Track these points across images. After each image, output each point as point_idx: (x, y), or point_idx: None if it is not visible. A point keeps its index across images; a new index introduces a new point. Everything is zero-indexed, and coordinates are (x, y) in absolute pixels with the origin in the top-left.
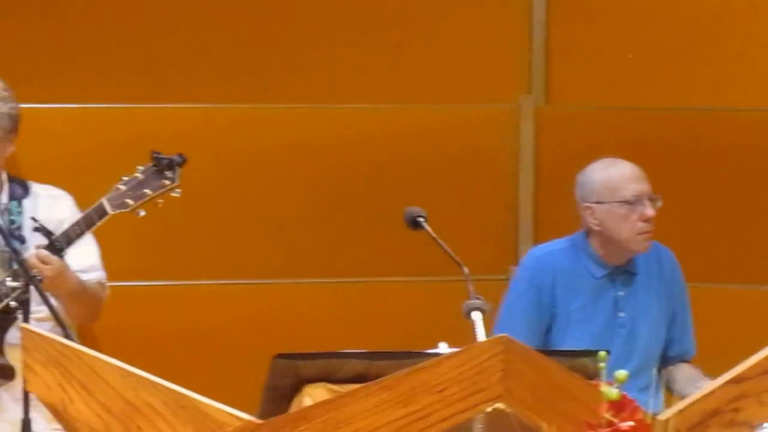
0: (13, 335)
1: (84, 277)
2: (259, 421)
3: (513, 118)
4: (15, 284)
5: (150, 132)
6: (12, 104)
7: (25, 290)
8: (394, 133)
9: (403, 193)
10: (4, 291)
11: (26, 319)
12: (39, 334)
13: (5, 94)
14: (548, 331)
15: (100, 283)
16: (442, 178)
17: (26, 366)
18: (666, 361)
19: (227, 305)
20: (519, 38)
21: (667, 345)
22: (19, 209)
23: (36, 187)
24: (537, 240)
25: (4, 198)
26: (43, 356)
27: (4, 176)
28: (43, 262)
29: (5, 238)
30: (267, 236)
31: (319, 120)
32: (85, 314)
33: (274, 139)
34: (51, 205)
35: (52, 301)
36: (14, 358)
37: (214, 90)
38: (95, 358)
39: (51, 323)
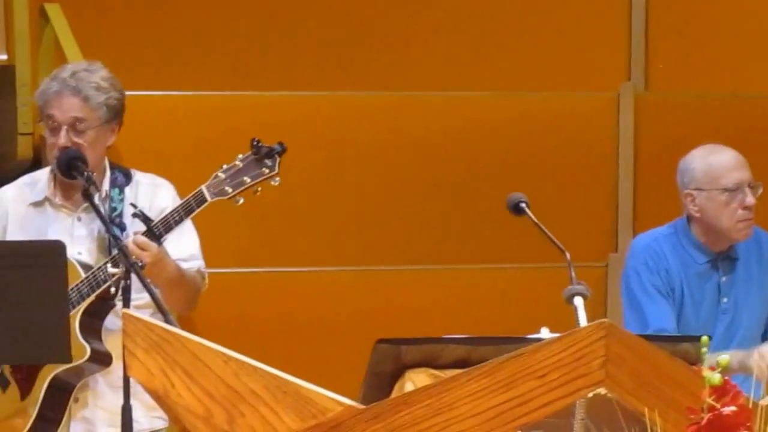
0: (110, 322)
1: (184, 265)
2: (361, 406)
3: (612, 106)
4: (115, 270)
5: (251, 120)
6: (112, 94)
7: (126, 277)
8: (494, 121)
9: (504, 180)
10: (102, 277)
11: (127, 306)
12: (141, 320)
13: (105, 84)
14: None
15: (200, 272)
16: (542, 166)
17: (128, 352)
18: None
19: (329, 292)
20: (618, 26)
21: (767, 330)
22: (120, 197)
23: (138, 175)
24: (636, 227)
25: (106, 185)
26: (146, 342)
27: (106, 164)
28: (141, 248)
29: (105, 224)
30: (369, 224)
31: (422, 108)
32: (184, 302)
33: (377, 127)
34: (152, 194)
35: (153, 287)
36: (111, 344)
37: (316, 78)
38: (197, 343)
39: (150, 310)
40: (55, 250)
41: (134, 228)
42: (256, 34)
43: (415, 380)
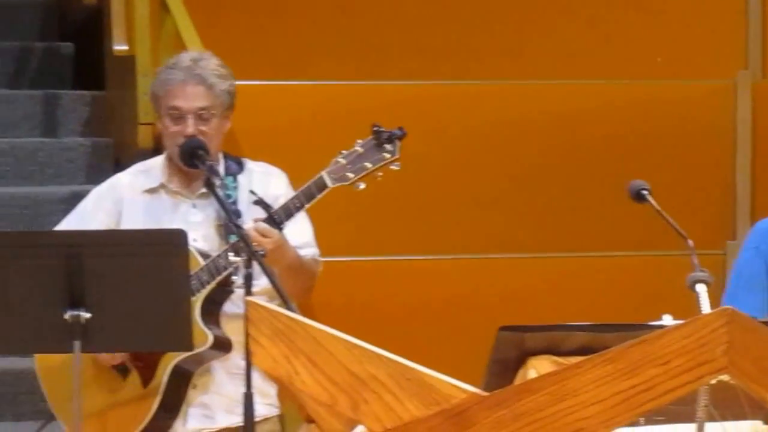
0: (228, 308)
1: (299, 253)
2: (484, 393)
3: (730, 94)
4: (236, 258)
5: (366, 109)
6: (230, 81)
7: (248, 264)
8: (613, 109)
9: (622, 167)
10: (222, 264)
11: (248, 293)
12: (265, 308)
13: (224, 71)
14: None
15: (314, 260)
16: (658, 154)
17: (252, 339)
18: None
19: (446, 280)
20: (735, 14)
21: None
22: (234, 184)
23: (250, 164)
24: (754, 215)
25: (221, 174)
26: (269, 329)
27: (220, 153)
28: (263, 235)
29: (228, 213)
30: (486, 211)
31: (538, 96)
32: (300, 289)
33: (490, 115)
34: (265, 182)
35: (274, 275)
36: (229, 331)
37: (432, 67)
38: (321, 330)
39: (266, 297)
40: (177, 238)
41: (250, 215)
42: (373, 24)
43: (537, 367)
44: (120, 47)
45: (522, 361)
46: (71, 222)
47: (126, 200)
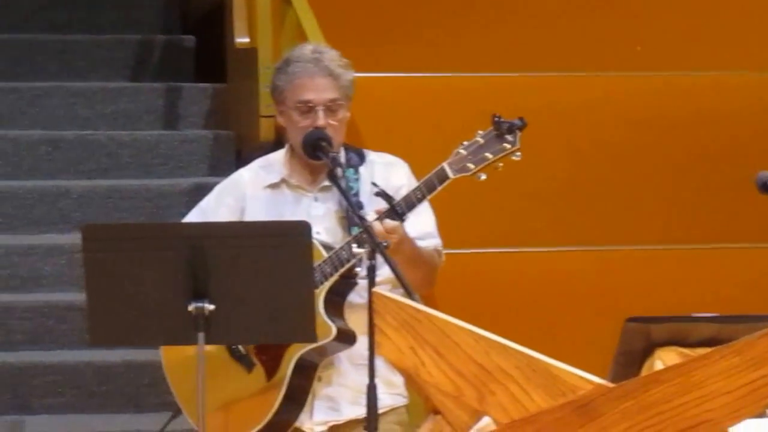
0: (352, 299)
1: (421, 244)
2: (611, 385)
3: None
4: (360, 250)
5: (487, 99)
6: (351, 72)
7: (372, 256)
8: (747, 100)
9: (750, 159)
10: (345, 256)
11: (372, 284)
12: (391, 299)
13: (344, 62)
14: None
15: (437, 251)
16: None
17: (378, 331)
18: None
19: (570, 272)
20: None
21: None
22: (356, 176)
23: (372, 155)
24: None
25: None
26: (396, 321)
27: (341, 144)
28: (385, 228)
29: (351, 205)
30: (611, 203)
31: (663, 88)
32: (422, 281)
33: (617, 107)
34: (387, 173)
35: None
36: (353, 322)
37: (553, 59)
38: (447, 321)
39: (388, 286)
40: (301, 230)
41: (372, 206)
42: (493, 15)
43: (664, 358)
44: (242, 40)
45: (648, 352)
46: (194, 218)
47: (249, 196)
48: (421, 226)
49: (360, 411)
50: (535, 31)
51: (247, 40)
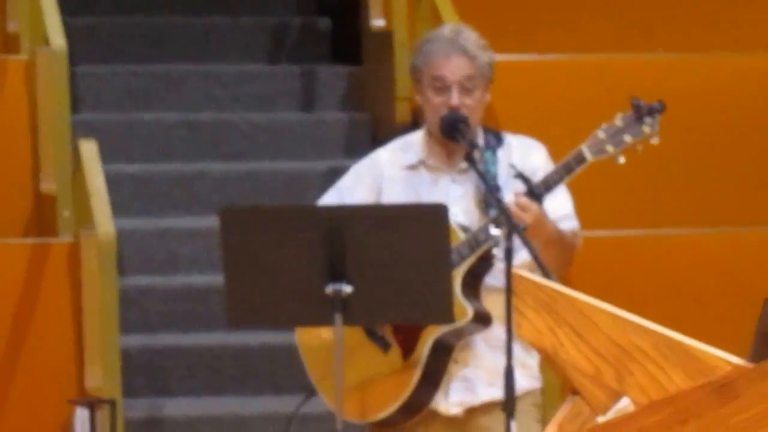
0: (489, 281)
1: (558, 226)
2: (751, 365)
3: None
4: (497, 232)
5: (627, 82)
6: (490, 53)
7: (508, 237)
8: None
9: None
10: (483, 238)
11: (509, 266)
12: (530, 280)
13: (483, 42)
14: None
15: (574, 233)
16: None
17: (518, 311)
18: None
19: (706, 253)
20: None
21: None
22: (494, 158)
23: (509, 137)
24: None
25: (481, 147)
26: (535, 301)
27: (479, 126)
28: (523, 209)
29: (488, 186)
30: (747, 184)
31: None
32: (559, 262)
33: (758, 89)
34: (525, 155)
35: (534, 248)
36: (490, 304)
37: (693, 39)
38: (585, 302)
39: (526, 269)
40: (438, 211)
41: (510, 189)
42: None
43: None
44: (377, 22)
45: None
46: (331, 197)
47: (386, 177)
48: (559, 208)
49: (496, 393)
50: (679, 9)
51: (383, 22)
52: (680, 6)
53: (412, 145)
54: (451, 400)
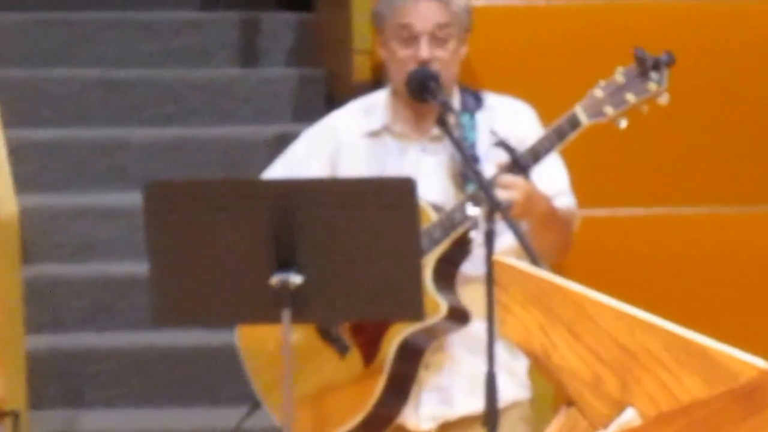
0: (467, 269)
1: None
2: None
3: None
4: (476, 211)
5: (625, 30)
6: None
7: (489, 217)
8: None
9: None
10: (459, 218)
11: (491, 251)
12: (516, 269)
13: None
14: None
15: (570, 212)
16: None
17: (502, 306)
18: None
19: (721, 234)
20: None
21: None
22: (472, 123)
23: (491, 99)
24: None
25: (457, 109)
26: (522, 294)
27: (455, 85)
28: (506, 187)
29: (465, 157)
30: (763, 157)
31: None
32: (555, 247)
33: None
34: (510, 119)
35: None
36: (468, 298)
37: None
38: (583, 295)
39: (513, 256)
40: (405, 187)
41: (491, 159)
42: None
43: None
44: None
45: None
46: (278, 170)
47: (344, 145)
48: (551, 182)
49: (476, 405)
50: None
51: None
52: None
53: (374, 107)
54: (422, 414)
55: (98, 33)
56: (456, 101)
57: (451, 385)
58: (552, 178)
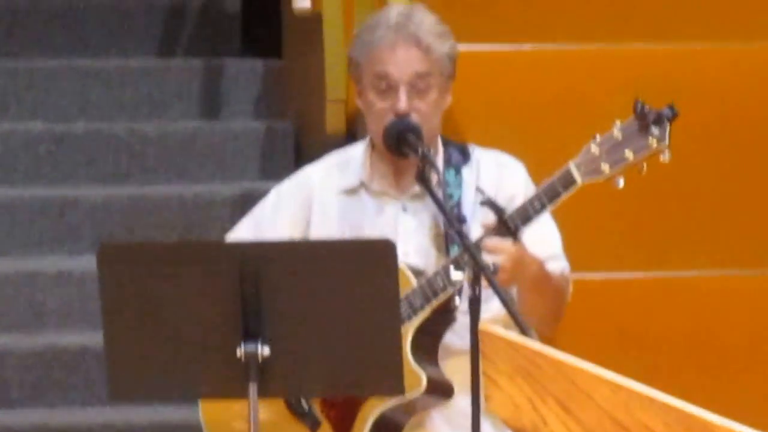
0: (449, 340)
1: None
2: None
3: None
4: (459, 276)
5: (623, 80)
6: (451, 42)
7: (475, 283)
8: None
9: None
10: (440, 284)
11: (475, 320)
12: (503, 338)
13: (442, 29)
14: None
15: (563, 276)
16: None
17: (488, 379)
18: None
19: (728, 300)
20: None
21: None
22: (457, 179)
23: (478, 152)
24: None
25: (439, 165)
26: (510, 366)
27: (439, 138)
28: (492, 251)
29: (447, 216)
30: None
31: None
32: (547, 314)
33: None
34: (498, 176)
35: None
36: (451, 370)
37: (706, 27)
38: (575, 367)
39: (500, 326)
40: (383, 250)
41: (476, 219)
42: None
43: None
44: (301, 4)
45: None
46: (244, 230)
47: (316, 203)
48: (543, 244)
49: None
50: None
51: (307, 4)
52: None
53: (350, 162)
54: None
55: (44, 82)
56: (439, 155)
57: None
58: (543, 241)
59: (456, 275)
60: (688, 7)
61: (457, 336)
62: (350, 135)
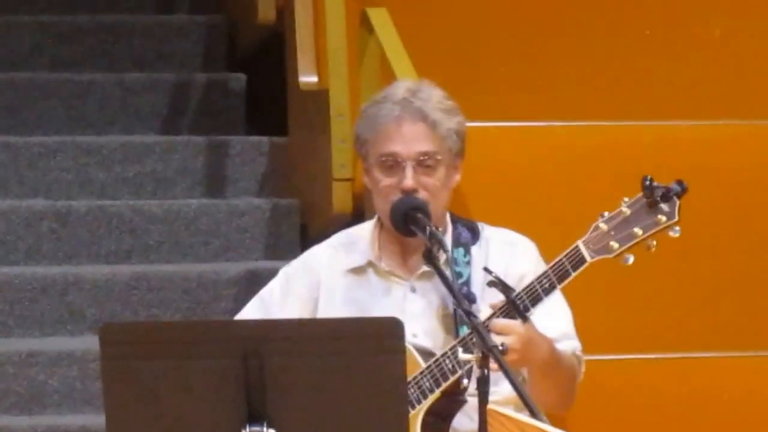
0: (459, 423)
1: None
2: None
3: None
4: (468, 357)
5: (630, 157)
6: (459, 118)
7: (484, 364)
8: None
9: None
10: (449, 366)
11: (484, 402)
12: (512, 419)
13: (450, 104)
14: None
15: (576, 356)
16: None
17: None
18: None
19: (740, 382)
20: None
21: None
22: (466, 259)
23: (487, 231)
24: None
25: (448, 244)
26: None
27: (447, 216)
28: (500, 333)
29: (455, 295)
30: None
31: None
32: (557, 395)
33: None
34: (508, 255)
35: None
36: None
37: (712, 104)
38: None
39: (511, 407)
40: (391, 330)
41: (486, 299)
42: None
43: None
44: (308, 79)
45: None
46: (252, 312)
47: (323, 283)
48: (556, 324)
49: None
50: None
51: (315, 79)
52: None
53: (358, 241)
54: None
55: (45, 159)
56: (448, 234)
57: None
58: (554, 320)
59: (464, 356)
60: (695, 87)
61: (467, 417)
62: (357, 214)
